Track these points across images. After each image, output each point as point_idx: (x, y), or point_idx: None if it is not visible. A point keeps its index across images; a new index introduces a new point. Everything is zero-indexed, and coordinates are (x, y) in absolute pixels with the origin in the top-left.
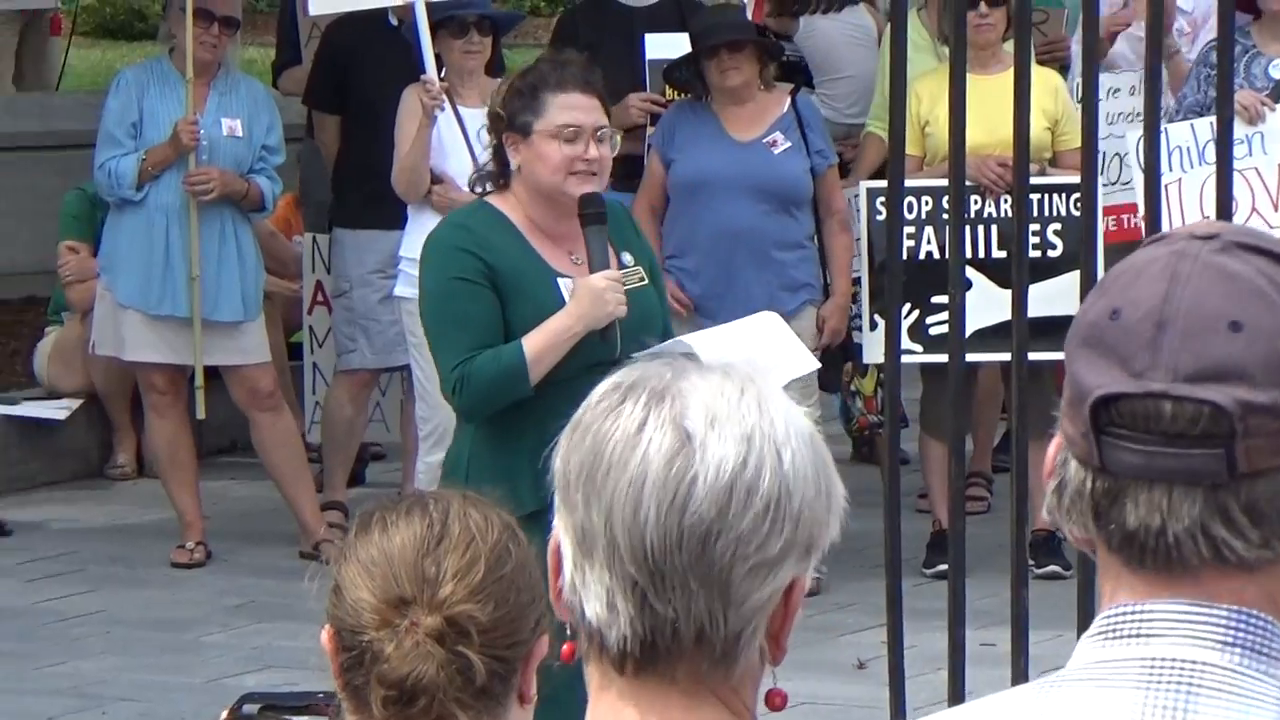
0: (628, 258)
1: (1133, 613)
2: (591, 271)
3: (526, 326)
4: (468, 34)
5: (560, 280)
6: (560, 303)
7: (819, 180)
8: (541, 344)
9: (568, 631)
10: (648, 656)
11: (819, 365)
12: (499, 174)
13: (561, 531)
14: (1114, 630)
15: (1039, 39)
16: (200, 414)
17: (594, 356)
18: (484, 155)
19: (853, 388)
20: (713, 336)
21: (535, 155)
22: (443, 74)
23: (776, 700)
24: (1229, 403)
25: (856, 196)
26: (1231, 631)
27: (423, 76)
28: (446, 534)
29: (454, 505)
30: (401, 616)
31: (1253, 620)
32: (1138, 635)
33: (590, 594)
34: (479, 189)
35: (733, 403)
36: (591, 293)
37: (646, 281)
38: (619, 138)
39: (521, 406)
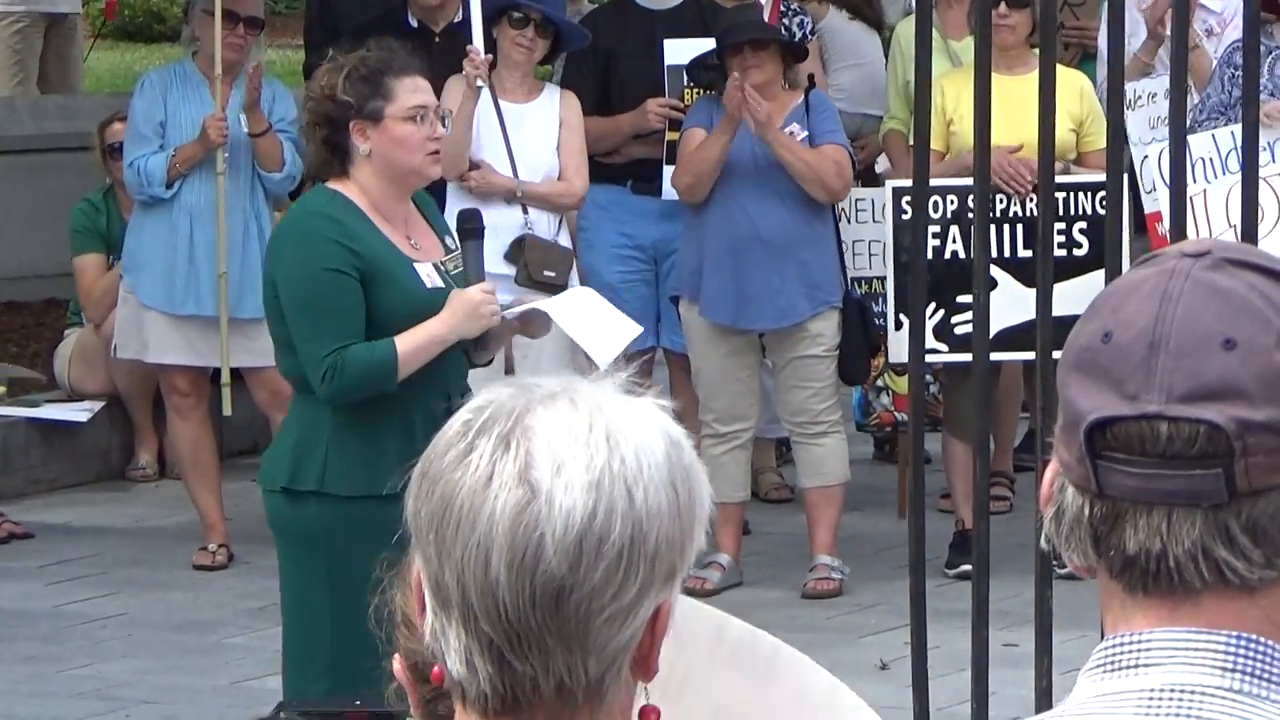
0: (451, 241)
1: (1131, 643)
2: (468, 284)
3: (394, 311)
4: (527, 27)
5: (415, 266)
6: (422, 289)
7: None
8: (414, 346)
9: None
10: (509, 708)
11: (640, 330)
12: (336, 161)
13: (421, 575)
14: (1113, 662)
15: (1070, 18)
16: (226, 410)
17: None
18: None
19: (880, 383)
20: (544, 303)
21: (391, 140)
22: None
23: (651, 717)
24: (1225, 421)
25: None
26: (1232, 657)
27: (469, 47)
28: None
29: None
30: None
31: (1254, 645)
32: (1136, 666)
33: (449, 648)
34: (321, 176)
35: (580, 441)
36: (467, 305)
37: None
38: (449, 119)
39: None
